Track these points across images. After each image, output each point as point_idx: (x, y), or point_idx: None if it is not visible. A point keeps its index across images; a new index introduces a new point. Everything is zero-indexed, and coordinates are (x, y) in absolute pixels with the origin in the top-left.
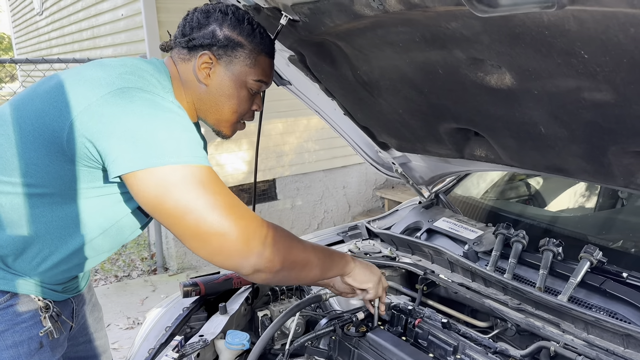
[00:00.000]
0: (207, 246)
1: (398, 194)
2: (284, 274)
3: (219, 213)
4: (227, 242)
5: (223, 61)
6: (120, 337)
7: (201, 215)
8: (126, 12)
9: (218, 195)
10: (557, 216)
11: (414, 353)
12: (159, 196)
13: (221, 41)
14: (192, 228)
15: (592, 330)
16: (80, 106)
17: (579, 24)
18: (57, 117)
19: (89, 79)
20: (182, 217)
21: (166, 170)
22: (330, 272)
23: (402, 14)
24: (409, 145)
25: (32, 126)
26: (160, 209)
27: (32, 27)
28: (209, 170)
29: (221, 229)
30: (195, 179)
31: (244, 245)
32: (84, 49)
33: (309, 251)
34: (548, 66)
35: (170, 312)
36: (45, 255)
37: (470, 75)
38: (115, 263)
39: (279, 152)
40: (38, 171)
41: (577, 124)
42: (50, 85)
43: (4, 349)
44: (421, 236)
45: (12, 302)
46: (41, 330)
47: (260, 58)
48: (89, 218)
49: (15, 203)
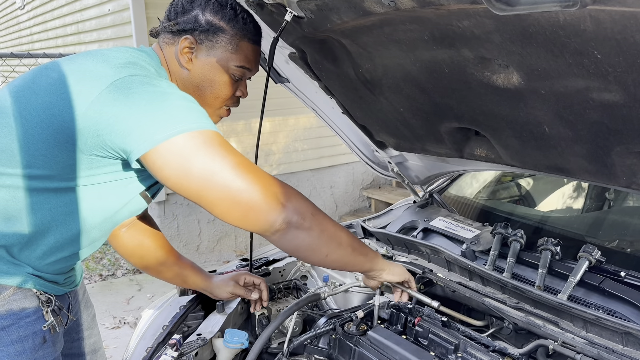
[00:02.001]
0: (238, 207)
1: (385, 194)
2: (316, 234)
3: (243, 171)
4: (256, 198)
5: (205, 46)
6: (107, 337)
7: (228, 176)
8: (113, 8)
9: (236, 156)
10: (551, 216)
11: (416, 351)
12: (184, 164)
13: (203, 26)
14: (221, 190)
15: (591, 329)
16: (90, 96)
17: (595, 24)
18: (67, 108)
19: (93, 70)
20: (209, 181)
21: (185, 137)
22: (361, 257)
23: (413, 11)
24: (407, 145)
25: (38, 118)
26: (187, 178)
27: (13, 21)
28: (219, 134)
29: (249, 187)
30: (214, 142)
31: (273, 199)
32: (68, 44)
33: (336, 224)
34: (558, 66)
35: (167, 310)
36: (51, 243)
37: (477, 74)
38: (99, 262)
39: (267, 151)
40: (45, 162)
41: (582, 124)
42: (53, 78)
43: (10, 344)
44: (417, 235)
45: (15, 297)
46: (44, 325)
47: (242, 44)
48: (95, 203)
49: (20, 194)
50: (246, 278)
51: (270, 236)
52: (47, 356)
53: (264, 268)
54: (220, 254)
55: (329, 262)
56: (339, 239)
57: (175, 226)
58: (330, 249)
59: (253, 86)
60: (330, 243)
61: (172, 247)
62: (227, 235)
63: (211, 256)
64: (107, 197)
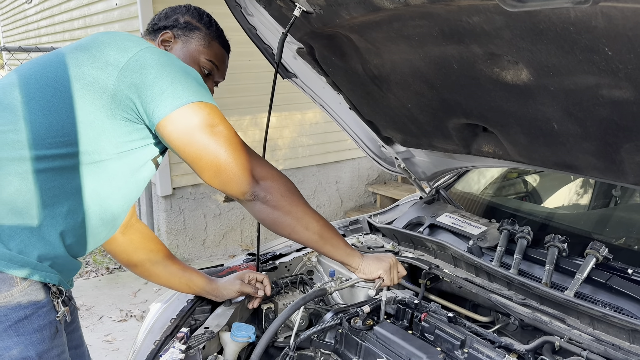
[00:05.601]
0: (220, 176)
1: (390, 190)
2: (280, 213)
3: (233, 147)
4: (236, 171)
5: (181, 40)
6: (113, 330)
7: (219, 149)
8: (120, 2)
9: (229, 130)
10: (558, 213)
11: (422, 346)
12: (188, 132)
13: (181, 24)
14: (212, 159)
15: (598, 326)
16: (121, 62)
17: (607, 20)
18: (101, 74)
19: (112, 42)
20: (204, 150)
21: (193, 107)
22: (329, 247)
23: (423, 7)
24: (414, 140)
25: (72, 88)
26: (189, 144)
27: (20, 15)
28: (219, 110)
29: (233, 161)
30: (215, 115)
31: (248, 174)
32: (75, 38)
33: (309, 212)
34: (569, 63)
35: (174, 304)
36: (73, 222)
37: (486, 70)
38: (106, 255)
39: (273, 145)
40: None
41: (591, 121)
42: (75, 53)
43: (32, 332)
44: (424, 231)
45: (33, 288)
46: (57, 315)
47: (214, 43)
48: (118, 174)
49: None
50: (250, 275)
51: (243, 204)
52: (60, 345)
53: (270, 262)
54: (226, 248)
55: (294, 239)
56: (307, 224)
57: (182, 220)
58: (294, 229)
59: (260, 81)
60: (294, 224)
61: (171, 253)
62: (233, 230)
63: (217, 250)
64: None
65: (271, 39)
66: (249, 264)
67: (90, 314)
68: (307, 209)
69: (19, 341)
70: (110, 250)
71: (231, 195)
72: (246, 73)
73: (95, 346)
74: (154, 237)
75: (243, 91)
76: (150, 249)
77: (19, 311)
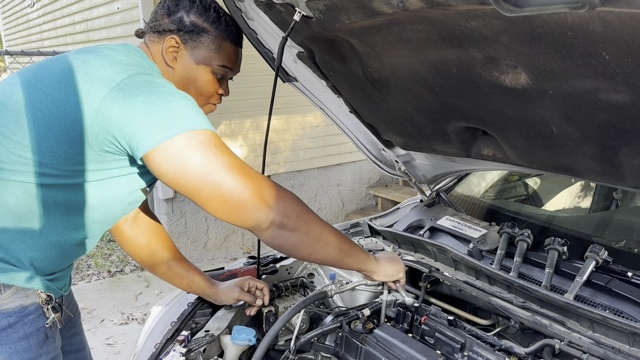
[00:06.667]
0: (227, 206)
1: (392, 193)
2: (300, 235)
3: (235, 172)
4: (245, 198)
5: (189, 46)
6: (115, 333)
7: (221, 176)
8: (122, 6)
9: (230, 156)
10: (558, 216)
11: (423, 350)
12: (180, 163)
13: (187, 27)
14: (213, 189)
15: (598, 329)
16: (101, 93)
17: (604, 25)
18: (78, 106)
19: (100, 68)
20: (202, 179)
21: (184, 137)
22: (349, 259)
23: (422, 11)
24: (415, 144)
25: (50, 115)
26: (183, 176)
27: (23, 19)
28: (216, 134)
29: (239, 187)
30: (210, 142)
31: (259, 200)
32: (77, 42)
33: (325, 227)
34: (567, 67)
35: (175, 307)
36: (54, 239)
37: (485, 74)
38: (108, 258)
39: (274, 148)
40: (55, 159)
41: (590, 124)
42: (57, 74)
43: (17, 341)
44: (424, 234)
45: (18, 295)
46: (47, 322)
47: (224, 44)
48: (99, 199)
49: (30, 191)
50: (250, 283)
51: (257, 233)
52: (50, 352)
53: (271, 266)
54: (228, 251)
55: (314, 260)
56: (325, 240)
57: (183, 223)
58: (315, 249)
59: (261, 84)
60: (315, 244)
61: (178, 249)
62: (234, 233)
63: (218, 253)
64: (111, 191)
65: (271, 43)
66: (249, 267)
67: (92, 317)
68: (322, 224)
69: (1, 350)
70: (117, 241)
71: (243, 226)
72: (247, 76)
73: (96, 349)
74: (162, 234)
75: (244, 94)
76: (157, 245)
77: (2, 320)
